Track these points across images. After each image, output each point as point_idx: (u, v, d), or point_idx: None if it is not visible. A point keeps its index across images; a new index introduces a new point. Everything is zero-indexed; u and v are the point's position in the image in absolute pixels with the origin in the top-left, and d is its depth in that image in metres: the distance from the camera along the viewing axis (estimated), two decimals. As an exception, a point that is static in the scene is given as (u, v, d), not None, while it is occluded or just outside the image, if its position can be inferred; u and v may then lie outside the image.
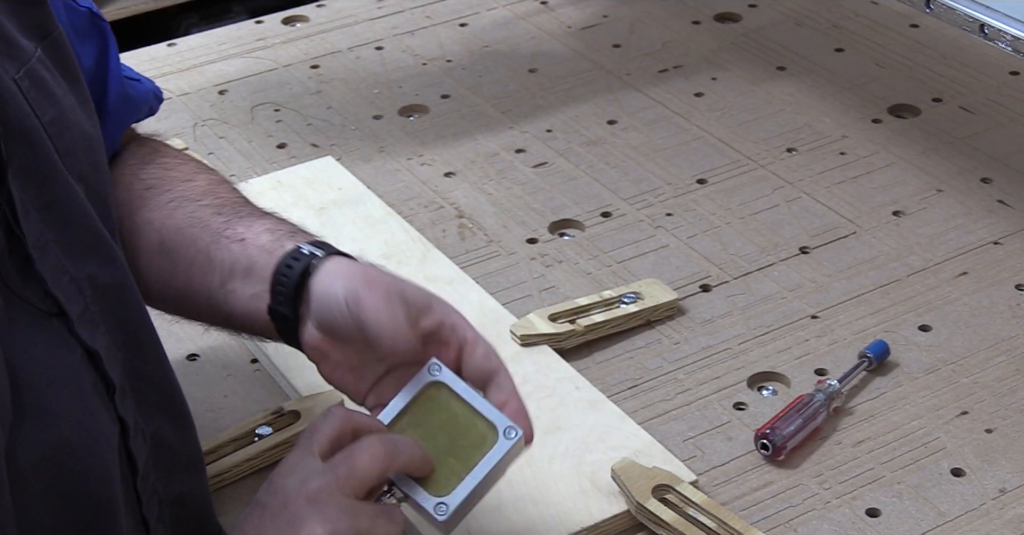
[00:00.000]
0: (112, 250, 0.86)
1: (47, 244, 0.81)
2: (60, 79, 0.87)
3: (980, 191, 1.38)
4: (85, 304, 0.83)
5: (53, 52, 0.87)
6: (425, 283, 1.24)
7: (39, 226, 0.80)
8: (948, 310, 1.23)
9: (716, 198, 1.38)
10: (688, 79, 1.57)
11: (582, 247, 1.32)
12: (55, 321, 0.81)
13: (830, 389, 1.11)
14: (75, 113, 0.87)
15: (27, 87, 0.82)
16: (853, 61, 1.59)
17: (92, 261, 0.84)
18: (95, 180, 0.87)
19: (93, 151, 0.88)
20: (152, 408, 0.89)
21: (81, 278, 0.82)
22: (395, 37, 1.67)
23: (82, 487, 0.81)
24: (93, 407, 0.83)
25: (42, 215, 0.80)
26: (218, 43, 1.67)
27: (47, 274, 0.80)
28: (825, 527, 1.03)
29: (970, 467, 1.07)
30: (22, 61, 0.83)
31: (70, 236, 0.82)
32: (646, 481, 1.03)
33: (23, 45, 0.84)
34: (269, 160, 1.45)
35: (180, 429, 0.93)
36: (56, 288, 0.81)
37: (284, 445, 1.08)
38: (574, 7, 1.72)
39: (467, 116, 1.52)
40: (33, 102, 0.82)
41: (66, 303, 0.81)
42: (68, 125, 0.85)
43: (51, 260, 0.81)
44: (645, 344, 1.20)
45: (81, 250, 0.83)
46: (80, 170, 0.85)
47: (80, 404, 0.81)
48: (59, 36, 0.88)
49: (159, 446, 0.89)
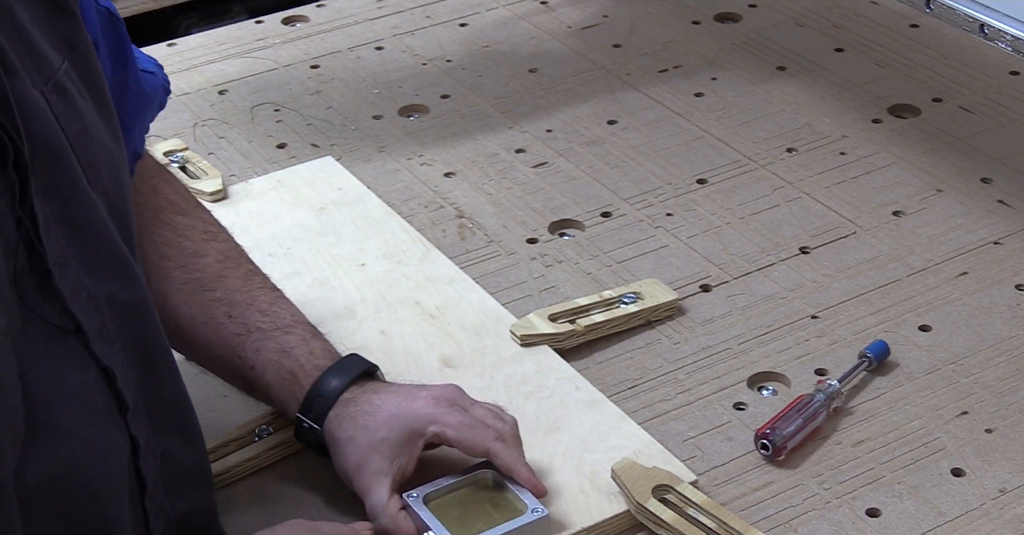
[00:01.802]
0: (131, 269, 0.85)
1: (67, 260, 0.80)
2: (85, 92, 0.85)
3: (980, 191, 1.38)
4: (102, 322, 0.82)
5: (80, 65, 0.85)
6: (425, 283, 1.25)
7: (60, 242, 0.79)
8: (948, 310, 1.23)
9: (716, 198, 1.38)
10: (688, 79, 1.57)
11: (582, 247, 1.32)
12: (71, 338, 0.80)
13: (830, 389, 1.11)
14: (98, 127, 0.86)
15: (54, 100, 0.81)
16: (853, 61, 1.59)
17: (111, 279, 0.83)
18: (116, 196, 0.86)
19: (115, 166, 0.87)
20: (164, 427, 0.89)
21: (99, 296, 0.82)
22: (395, 37, 1.67)
23: (90, 506, 0.81)
24: (105, 426, 0.82)
25: (64, 231, 0.79)
26: (218, 43, 1.67)
27: (66, 291, 0.79)
28: (825, 527, 1.03)
29: (970, 467, 1.07)
30: (49, 73, 0.81)
31: (90, 253, 0.81)
32: (646, 481, 1.03)
33: (50, 57, 0.82)
34: (269, 160, 1.45)
35: (190, 446, 0.93)
36: (74, 305, 0.80)
37: (284, 445, 1.08)
38: (574, 7, 1.72)
39: (467, 116, 1.52)
40: (59, 115, 0.81)
41: (83, 320, 0.80)
42: (92, 139, 0.84)
43: (70, 276, 0.80)
44: (645, 344, 1.20)
45: (101, 267, 0.82)
46: (103, 185, 0.84)
47: (92, 423, 0.81)
48: (86, 48, 0.86)
49: (168, 464, 0.89)
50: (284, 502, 1.05)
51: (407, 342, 1.19)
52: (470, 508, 1.00)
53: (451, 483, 1.01)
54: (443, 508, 0.99)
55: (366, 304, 1.23)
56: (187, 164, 1.41)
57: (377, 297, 1.24)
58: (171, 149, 1.43)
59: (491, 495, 1.01)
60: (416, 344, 1.19)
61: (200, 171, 1.40)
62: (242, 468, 1.07)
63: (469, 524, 0.98)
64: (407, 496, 0.99)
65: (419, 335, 1.20)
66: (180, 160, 1.41)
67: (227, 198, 1.37)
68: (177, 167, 1.40)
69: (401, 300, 1.24)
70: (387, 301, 1.23)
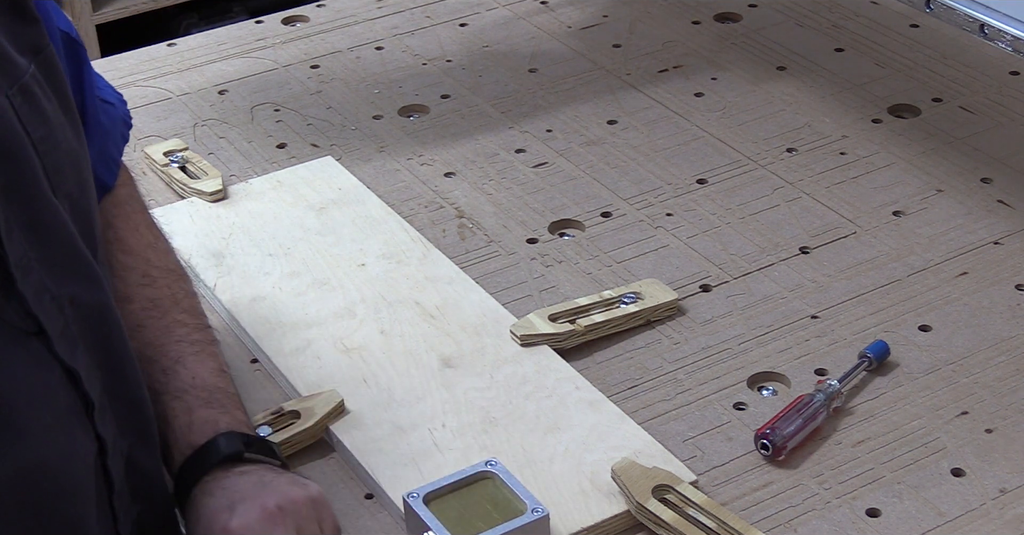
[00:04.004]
0: (94, 271, 0.85)
1: (30, 263, 0.80)
2: (51, 96, 0.86)
3: (980, 191, 1.38)
4: (65, 323, 0.82)
5: (45, 69, 0.86)
6: (425, 283, 1.25)
7: (22, 245, 0.79)
8: (948, 310, 1.23)
9: (716, 198, 1.38)
10: (688, 79, 1.57)
11: (582, 247, 1.32)
12: (34, 340, 0.80)
13: (830, 389, 1.11)
14: (64, 131, 0.86)
15: (19, 103, 0.81)
16: (853, 61, 1.59)
17: (74, 282, 0.83)
18: (81, 199, 0.87)
19: (80, 170, 0.87)
20: (127, 428, 0.89)
21: (62, 297, 0.82)
22: (395, 37, 1.67)
23: (56, 506, 0.81)
24: (69, 426, 0.82)
25: (25, 234, 0.79)
26: (218, 43, 1.67)
27: (29, 293, 0.79)
28: (825, 527, 1.03)
29: (970, 467, 1.07)
30: (15, 77, 0.82)
31: (52, 256, 0.81)
32: (646, 481, 1.03)
33: (17, 61, 0.82)
34: (269, 160, 1.45)
35: (149, 448, 0.94)
36: (37, 307, 0.80)
37: (284, 445, 1.08)
38: (574, 7, 1.72)
39: (467, 116, 1.52)
40: (24, 119, 0.81)
41: (46, 322, 0.80)
42: (57, 143, 0.84)
43: (33, 279, 0.80)
44: (645, 344, 1.20)
45: (63, 270, 0.82)
46: (67, 189, 0.84)
47: (56, 423, 0.81)
48: (50, 53, 0.87)
49: (130, 465, 0.90)
50: (284, 502, 1.05)
51: (407, 342, 1.19)
52: (470, 508, 1.00)
53: (451, 483, 1.01)
54: (443, 508, 0.99)
55: (366, 304, 1.23)
56: (187, 164, 1.41)
57: (377, 297, 1.24)
58: (171, 149, 1.43)
59: (491, 495, 1.01)
60: (416, 344, 1.19)
61: (200, 171, 1.40)
62: (242, 468, 1.07)
63: (469, 524, 0.98)
64: (407, 496, 0.99)
65: (419, 335, 1.20)
66: (180, 160, 1.41)
67: (227, 198, 1.37)
68: (177, 167, 1.41)
69: (401, 300, 1.24)
70: (387, 301, 1.24)
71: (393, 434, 1.10)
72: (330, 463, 1.09)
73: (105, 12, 2.74)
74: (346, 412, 1.11)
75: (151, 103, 1.55)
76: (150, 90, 1.58)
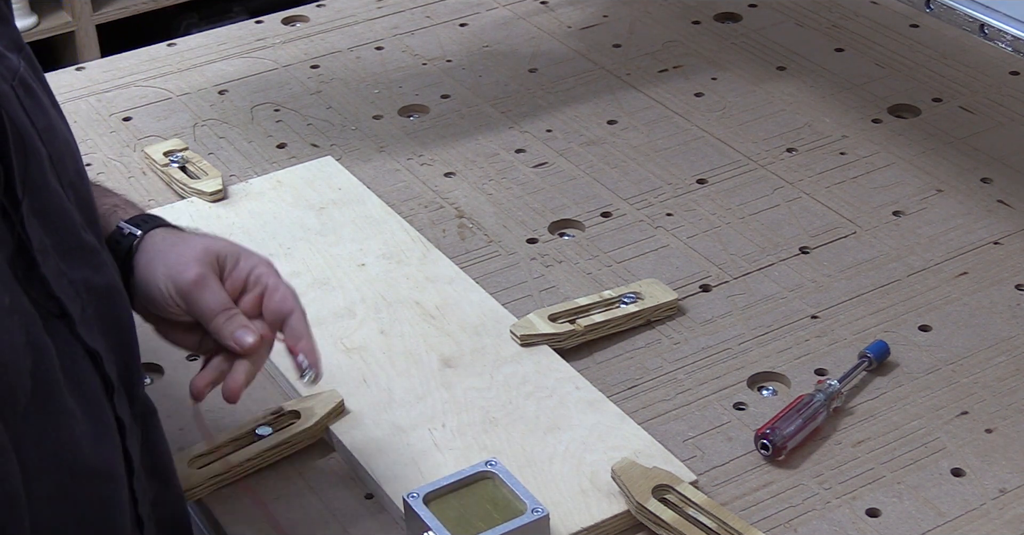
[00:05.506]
0: (99, 256, 0.88)
1: (47, 248, 0.82)
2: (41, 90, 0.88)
3: (980, 191, 1.38)
4: (83, 306, 0.85)
5: (30, 65, 0.88)
6: (425, 283, 1.25)
7: (39, 231, 0.82)
8: (948, 310, 1.23)
9: (716, 198, 1.38)
10: (688, 79, 1.57)
11: (582, 247, 1.32)
12: (58, 322, 0.82)
13: (830, 389, 1.11)
14: (59, 122, 0.89)
15: (22, 94, 0.84)
16: (853, 61, 1.59)
17: (84, 266, 0.86)
18: (81, 187, 0.89)
19: (76, 159, 0.90)
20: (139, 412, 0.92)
21: (77, 281, 0.85)
22: (395, 37, 1.67)
23: (90, 486, 0.83)
24: (98, 408, 0.84)
25: (39, 221, 0.82)
26: (218, 43, 1.67)
27: (50, 277, 0.82)
28: (825, 527, 1.03)
29: (970, 467, 1.07)
30: (13, 70, 0.85)
31: (62, 242, 0.84)
32: (646, 481, 1.03)
33: (10, 57, 0.85)
34: (269, 160, 1.45)
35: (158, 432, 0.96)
36: (59, 290, 0.83)
37: (284, 445, 1.08)
38: (574, 7, 1.72)
39: (467, 116, 1.52)
40: (28, 109, 0.84)
41: (68, 305, 0.83)
42: (57, 134, 0.87)
43: (51, 263, 0.83)
44: (645, 344, 1.20)
45: (73, 255, 0.85)
46: (69, 177, 0.87)
47: (89, 403, 0.83)
48: (30, 50, 0.90)
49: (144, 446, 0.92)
50: (284, 502, 1.06)
51: (407, 342, 1.19)
52: (470, 508, 1.00)
53: (451, 483, 1.01)
54: (443, 508, 0.99)
55: (366, 304, 1.23)
56: (187, 164, 1.41)
57: (377, 297, 1.24)
58: (171, 149, 1.43)
59: (491, 495, 1.01)
60: (416, 344, 1.19)
61: (200, 171, 1.40)
62: (242, 468, 1.07)
63: (469, 524, 0.98)
64: (407, 496, 0.99)
65: (419, 335, 1.20)
66: (180, 160, 1.41)
67: (227, 198, 1.37)
68: (177, 167, 1.41)
69: (401, 300, 1.24)
70: (387, 301, 1.24)
71: (393, 434, 1.10)
72: (330, 463, 1.09)
73: (105, 12, 2.74)
74: (346, 412, 1.12)
75: (151, 103, 1.55)
76: (150, 90, 1.58)
